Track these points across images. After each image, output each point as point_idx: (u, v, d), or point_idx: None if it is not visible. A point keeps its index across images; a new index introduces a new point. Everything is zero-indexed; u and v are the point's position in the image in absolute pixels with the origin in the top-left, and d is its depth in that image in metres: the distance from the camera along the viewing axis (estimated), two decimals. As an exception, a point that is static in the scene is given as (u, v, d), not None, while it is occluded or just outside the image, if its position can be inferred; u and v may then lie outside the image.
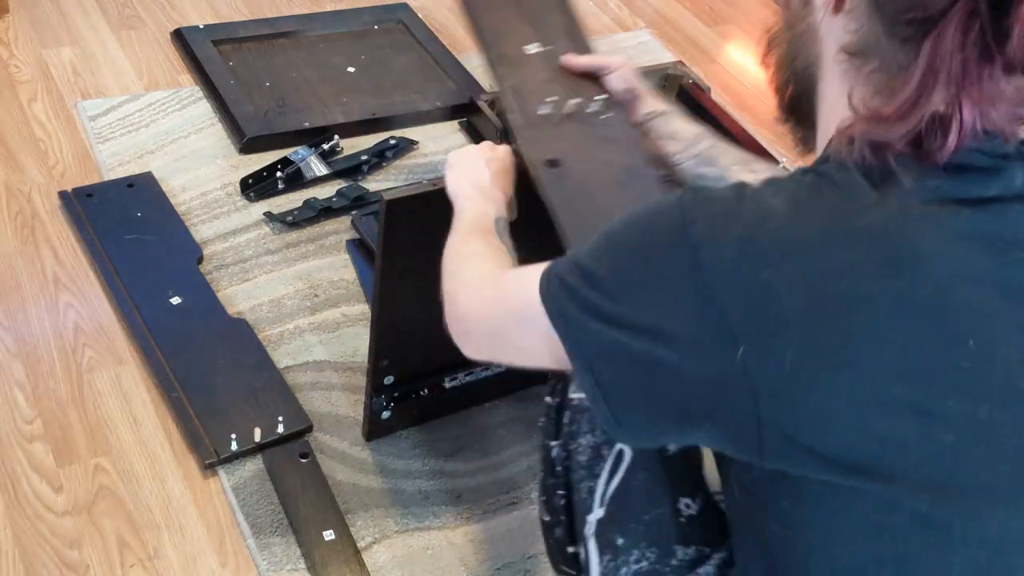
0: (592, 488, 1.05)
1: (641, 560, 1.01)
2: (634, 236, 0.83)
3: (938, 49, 0.74)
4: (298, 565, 1.37)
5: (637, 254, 0.81)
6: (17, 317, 1.64)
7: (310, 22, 2.34)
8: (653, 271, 0.80)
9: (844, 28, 0.82)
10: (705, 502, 1.01)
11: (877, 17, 0.79)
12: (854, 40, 0.81)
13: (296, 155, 1.96)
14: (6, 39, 2.20)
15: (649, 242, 0.81)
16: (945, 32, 0.74)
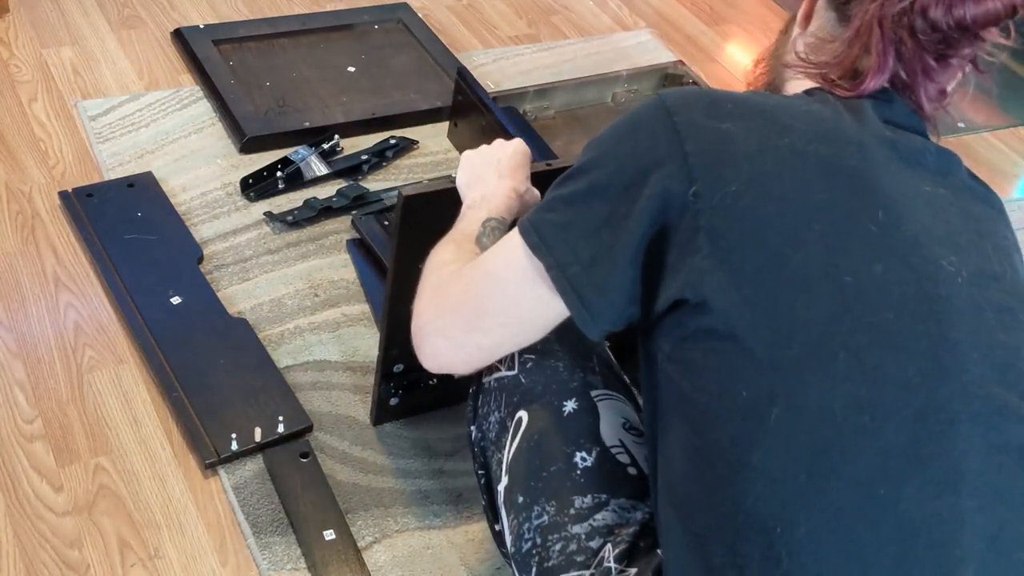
0: (500, 460, 1.12)
1: (542, 515, 1.04)
2: (614, 126, 0.99)
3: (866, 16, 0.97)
4: (298, 564, 1.37)
5: (616, 132, 0.98)
6: (17, 317, 1.64)
7: (310, 22, 2.34)
8: (631, 136, 0.95)
9: (808, 32, 1.07)
10: (601, 455, 1.05)
11: (833, 10, 1.04)
12: (814, 31, 1.06)
13: (296, 155, 1.96)
14: (6, 39, 2.20)
15: (629, 122, 0.97)
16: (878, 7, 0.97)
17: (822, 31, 1.05)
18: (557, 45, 2.46)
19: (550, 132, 2.11)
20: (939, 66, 1.00)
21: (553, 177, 1.32)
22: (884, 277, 0.87)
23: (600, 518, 1.02)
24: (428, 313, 1.07)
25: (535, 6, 2.60)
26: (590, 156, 0.98)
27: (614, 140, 0.97)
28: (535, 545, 1.04)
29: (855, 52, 0.99)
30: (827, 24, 1.04)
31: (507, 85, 2.25)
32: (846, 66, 0.99)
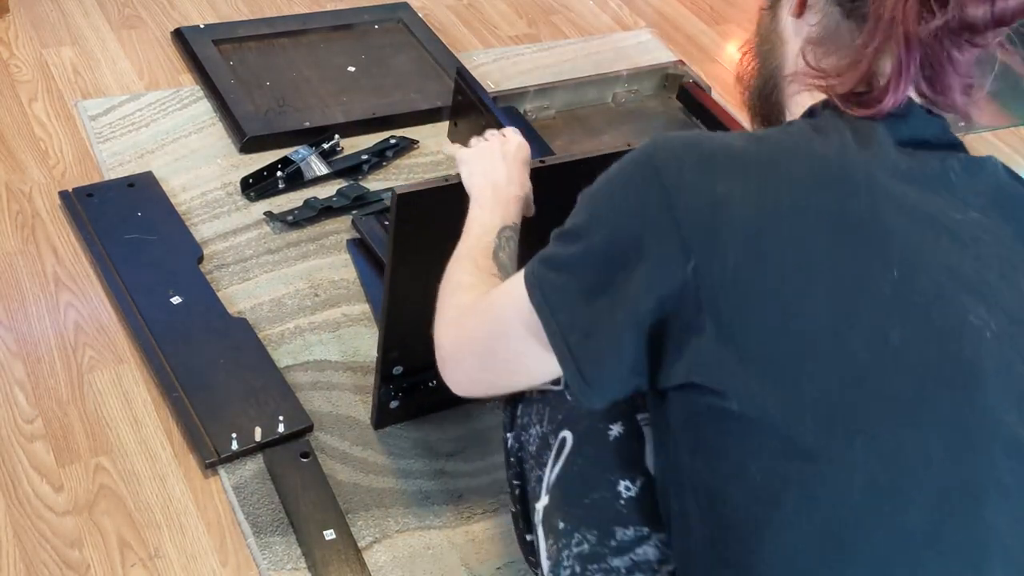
0: (540, 477, 1.08)
1: (582, 543, 1.02)
2: (607, 179, 0.91)
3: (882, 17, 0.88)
4: (299, 564, 1.37)
5: (609, 189, 0.90)
6: (17, 317, 1.64)
7: (310, 21, 2.34)
8: (622, 198, 0.88)
9: (807, 24, 0.97)
10: (645, 484, 1.02)
11: (834, 3, 0.94)
12: (816, 31, 0.96)
13: (296, 155, 1.96)
14: (6, 39, 2.20)
15: (620, 178, 0.90)
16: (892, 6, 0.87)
17: (825, 27, 0.94)
18: (557, 45, 2.46)
19: (550, 132, 2.11)
20: (964, 57, 0.92)
21: (547, 175, 1.32)
22: (902, 344, 0.80)
23: (641, 552, 0.99)
24: (447, 345, 1.06)
25: (535, 6, 2.60)
26: (584, 218, 0.91)
27: (606, 202, 0.90)
28: (574, 573, 1.02)
29: (869, 57, 0.89)
30: (829, 19, 0.94)
31: (507, 85, 2.25)
32: (858, 76, 0.90)
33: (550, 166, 1.34)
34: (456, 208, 1.32)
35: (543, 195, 1.38)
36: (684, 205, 0.84)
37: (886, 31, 0.87)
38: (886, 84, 0.88)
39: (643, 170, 0.87)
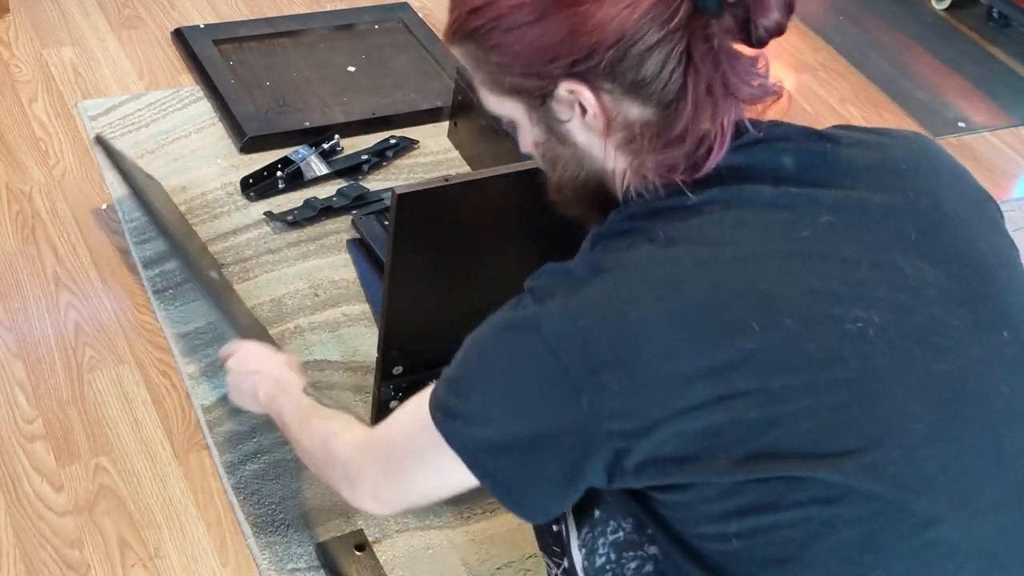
0: None
1: (617, 531, 1.03)
2: (489, 335, 0.93)
3: (697, 82, 0.85)
4: (299, 564, 1.37)
5: (495, 349, 0.91)
6: (18, 317, 1.64)
7: (310, 21, 2.34)
8: (507, 358, 0.90)
9: (615, 132, 0.91)
10: None
11: (639, 104, 0.88)
12: (627, 134, 0.90)
13: (296, 155, 1.96)
14: (6, 39, 2.20)
15: (501, 337, 0.91)
16: (698, 67, 0.85)
17: (631, 126, 0.90)
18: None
19: (550, 132, 2.11)
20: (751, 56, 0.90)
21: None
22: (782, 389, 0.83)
23: None
24: (357, 483, 1.07)
25: (535, 6, 2.59)
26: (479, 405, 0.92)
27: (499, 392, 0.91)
28: (608, 561, 1.03)
29: (694, 130, 0.87)
30: (633, 118, 0.89)
31: (507, 85, 2.24)
32: (687, 149, 0.88)
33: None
34: (456, 208, 1.32)
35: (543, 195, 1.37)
36: (562, 348, 0.85)
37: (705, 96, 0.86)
38: (711, 146, 0.88)
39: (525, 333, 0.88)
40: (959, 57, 2.63)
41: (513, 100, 0.94)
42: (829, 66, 2.55)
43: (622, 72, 0.86)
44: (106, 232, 1.80)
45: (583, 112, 0.90)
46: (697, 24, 0.83)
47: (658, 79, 0.86)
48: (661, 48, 0.84)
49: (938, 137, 2.32)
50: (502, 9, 0.88)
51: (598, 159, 0.94)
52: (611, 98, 0.88)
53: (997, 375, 0.86)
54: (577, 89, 0.88)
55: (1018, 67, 2.62)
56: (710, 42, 0.84)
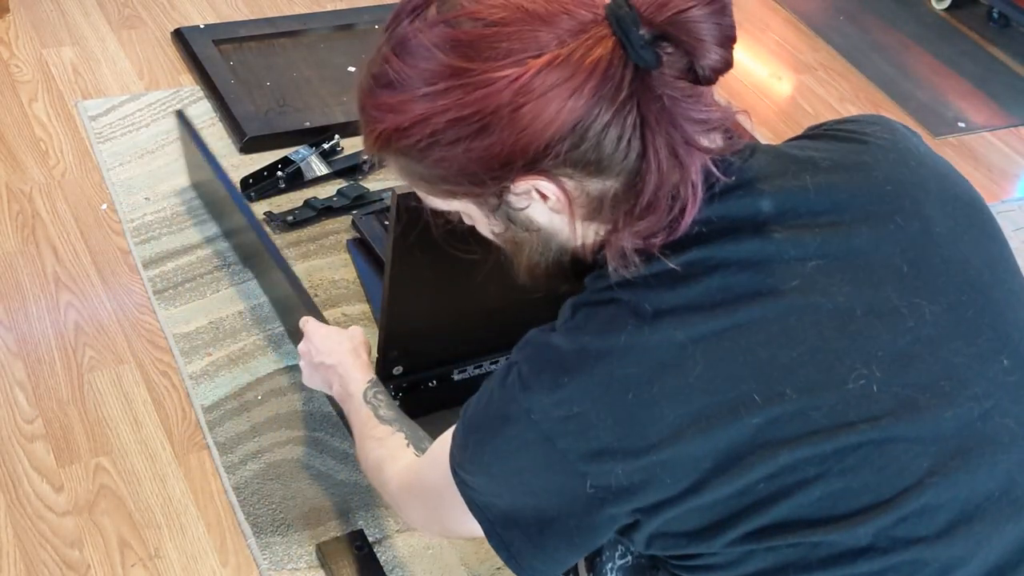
0: None
1: (626, 555, 1.03)
2: (485, 422, 0.90)
3: (656, 144, 0.80)
4: (299, 564, 1.37)
5: (492, 439, 0.89)
6: (18, 317, 1.64)
7: (310, 21, 2.34)
8: (504, 447, 0.88)
9: (579, 208, 0.86)
10: None
11: (600, 180, 0.83)
12: (591, 208, 0.86)
13: (297, 155, 1.96)
14: (7, 39, 2.20)
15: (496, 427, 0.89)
16: (655, 129, 0.80)
17: (592, 201, 0.85)
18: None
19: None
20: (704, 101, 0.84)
21: None
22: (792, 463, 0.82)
23: None
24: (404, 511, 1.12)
25: (535, 6, 2.59)
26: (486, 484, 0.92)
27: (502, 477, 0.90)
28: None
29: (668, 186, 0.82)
30: (594, 193, 0.85)
31: (507, 85, 2.24)
32: (659, 216, 0.83)
33: None
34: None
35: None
36: (558, 435, 0.84)
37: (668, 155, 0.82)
38: (684, 205, 0.83)
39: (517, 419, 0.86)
40: (959, 57, 2.63)
41: (462, 201, 0.89)
42: (829, 66, 2.55)
43: (581, 157, 0.81)
44: (106, 232, 1.80)
45: (543, 198, 0.85)
46: (643, 86, 0.79)
47: (617, 151, 0.81)
48: (615, 123, 0.80)
49: (938, 137, 2.32)
50: (439, 125, 0.81)
51: (563, 234, 0.89)
52: (572, 182, 0.84)
53: (1002, 408, 0.84)
54: (535, 182, 0.83)
55: (1018, 67, 2.62)
56: (660, 100, 0.79)
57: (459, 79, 0.79)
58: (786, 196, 0.85)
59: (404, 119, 0.82)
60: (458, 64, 0.79)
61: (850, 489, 0.81)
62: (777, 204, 0.85)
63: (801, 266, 0.83)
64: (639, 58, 0.78)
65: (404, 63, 0.82)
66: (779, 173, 0.87)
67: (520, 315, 1.48)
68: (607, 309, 0.85)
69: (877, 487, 0.81)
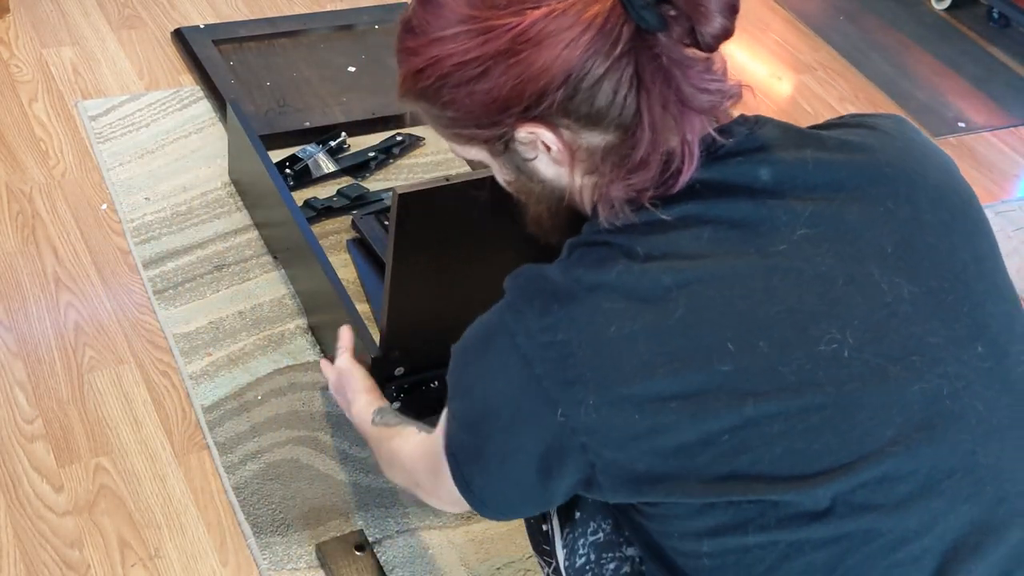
0: None
1: (597, 532, 1.04)
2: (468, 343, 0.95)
3: (651, 102, 0.84)
4: (299, 564, 1.37)
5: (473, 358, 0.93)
6: (18, 317, 1.64)
7: (310, 21, 2.34)
8: (489, 365, 0.90)
9: (580, 161, 0.90)
10: None
11: (598, 133, 0.87)
12: (592, 161, 0.89)
13: (304, 152, 1.96)
14: (7, 39, 2.20)
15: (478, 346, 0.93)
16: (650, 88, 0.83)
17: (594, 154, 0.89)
18: (557, 45, 2.46)
19: (550, 132, 2.11)
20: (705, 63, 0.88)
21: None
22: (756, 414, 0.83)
23: None
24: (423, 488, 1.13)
25: (535, 6, 2.59)
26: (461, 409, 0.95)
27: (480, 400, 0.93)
28: (588, 561, 1.05)
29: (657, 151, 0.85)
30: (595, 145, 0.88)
31: (507, 85, 2.24)
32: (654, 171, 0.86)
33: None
34: (457, 208, 1.32)
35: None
36: (538, 359, 0.86)
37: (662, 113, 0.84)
38: (679, 165, 0.86)
39: (500, 338, 0.89)
40: (959, 57, 2.63)
41: (476, 147, 0.94)
42: (829, 66, 2.55)
43: (576, 108, 0.85)
44: (106, 232, 1.80)
45: (547, 149, 0.90)
46: (642, 45, 0.82)
47: (612, 106, 0.84)
48: (610, 77, 0.83)
49: (938, 137, 2.32)
50: (446, 68, 0.88)
51: (566, 188, 0.93)
52: (570, 132, 0.87)
53: (972, 391, 0.86)
54: (535, 130, 0.88)
55: (1018, 67, 2.62)
56: (658, 60, 0.83)
57: (466, 25, 0.85)
58: (785, 167, 0.88)
59: (419, 61, 0.89)
60: (466, 12, 0.85)
61: (811, 450, 0.82)
62: (775, 174, 0.88)
63: (790, 232, 0.86)
64: (640, 18, 0.81)
65: (425, 11, 0.88)
66: (782, 145, 0.90)
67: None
68: (600, 250, 0.89)
69: (838, 450, 0.82)
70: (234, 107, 1.82)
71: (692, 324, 0.83)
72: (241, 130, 1.78)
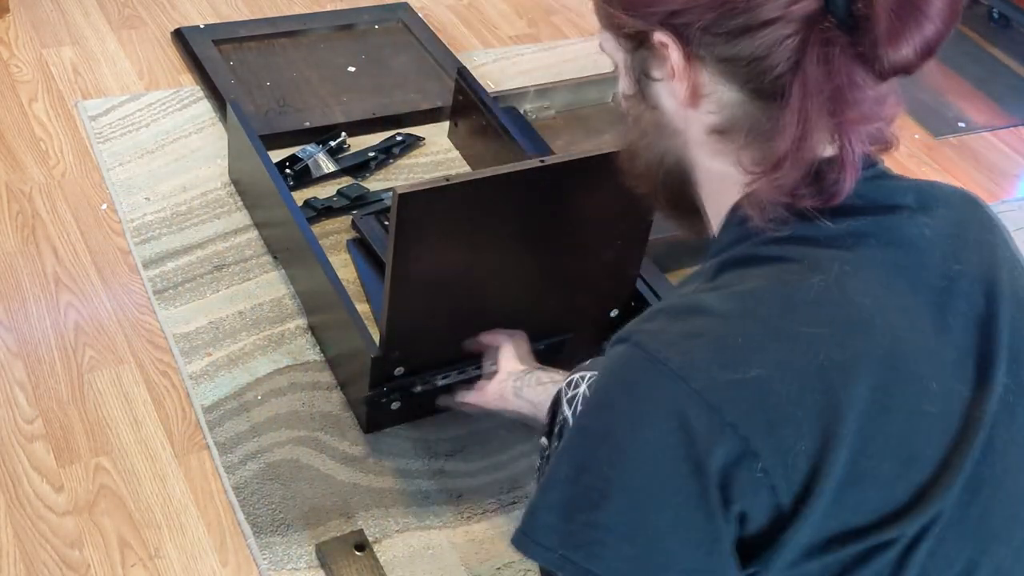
0: None
1: None
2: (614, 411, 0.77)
3: (806, 89, 0.75)
4: (299, 564, 1.37)
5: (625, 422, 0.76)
6: (18, 317, 1.64)
7: (310, 21, 2.34)
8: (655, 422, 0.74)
9: (706, 112, 0.82)
10: None
11: (735, 89, 0.79)
12: (719, 120, 0.82)
13: (304, 152, 1.96)
14: (7, 39, 2.20)
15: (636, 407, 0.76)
16: (806, 70, 0.75)
17: (731, 115, 0.81)
18: (557, 45, 2.46)
19: (550, 132, 2.11)
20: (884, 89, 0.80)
21: (547, 174, 1.32)
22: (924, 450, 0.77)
23: None
24: None
25: (535, 6, 2.60)
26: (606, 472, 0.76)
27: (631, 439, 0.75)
28: None
29: (808, 142, 0.77)
30: (735, 105, 0.81)
31: (507, 85, 2.25)
32: (804, 166, 0.78)
33: (550, 166, 1.34)
34: (457, 208, 1.32)
35: (543, 195, 1.38)
36: (728, 401, 0.73)
37: (815, 106, 0.76)
38: (840, 168, 0.77)
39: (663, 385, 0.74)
40: (959, 57, 2.63)
41: (614, 37, 0.86)
42: (829, 66, 2.54)
43: (717, 40, 0.77)
44: (106, 232, 1.80)
45: (672, 75, 0.81)
46: (819, 25, 0.74)
47: (757, 64, 0.76)
48: (770, 30, 0.75)
49: (938, 137, 2.32)
50: None
51: (681, 138, 0.85)
52: (704, 68, 0.79)
53: None
54: (668, 43, 0.80)
55: (1018, 67, 2.62)
56: (829, 47, 0.74)
57: None
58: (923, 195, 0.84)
59: None
60: None
61: None
62: (918, 200, 0.83)
63: (946, 267, 0.81)
64: (833, 2, 0.73)
65: None
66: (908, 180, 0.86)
67: (521, 314, 1.49)
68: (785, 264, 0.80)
69: None
70: (234, 107, 1.82)
71: (896, 354, 0.76)
72: (241, 130, 1.78)
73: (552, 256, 1.47)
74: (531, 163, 1.34)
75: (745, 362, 0.73)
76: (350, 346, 1.52)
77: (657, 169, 0.90)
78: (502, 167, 1.34)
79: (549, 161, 1.34)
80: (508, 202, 1.36)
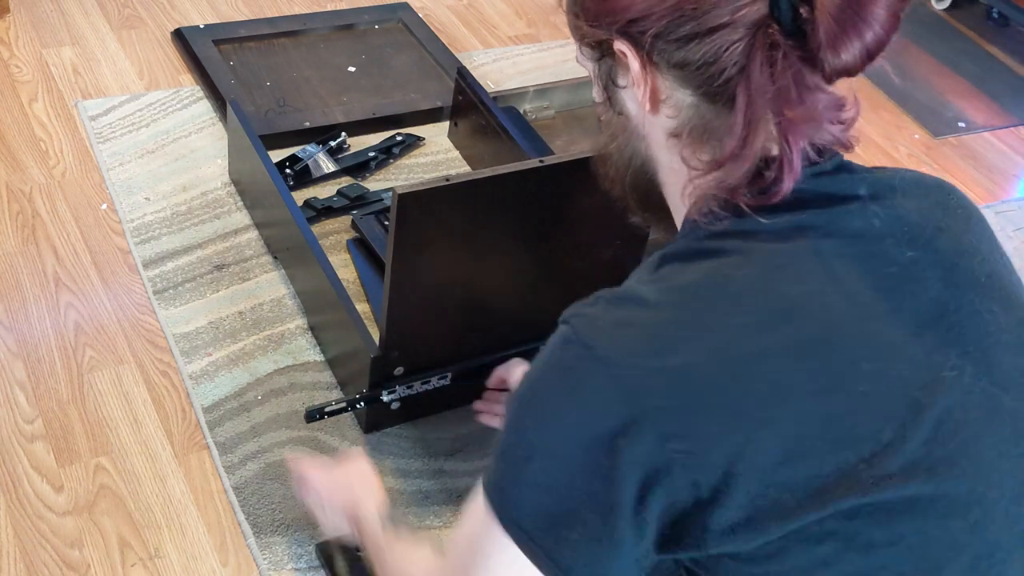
0: None
1: None
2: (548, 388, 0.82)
3: (751, 91, 0.78)
4: (299, 564, 1.37)
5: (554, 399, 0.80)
6: (18, 317, 1.64)
7: (311, 21, 2.34)
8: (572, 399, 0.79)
9: (665, 117, 0.86)
10: None
11: (690, 93, 0.83)
12: (677, 123, 0.86)
13: (304, 152, 1.96)
14: (6, 39, 2.20)
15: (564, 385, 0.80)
16: (751, 74, 0.78)
17: (687, 118, 0.85)
18: (557, 45, 2.46)
19: (550, 132, 2.11)
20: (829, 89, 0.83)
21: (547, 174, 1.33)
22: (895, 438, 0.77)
23: None
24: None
25: (535, 6, 2.60)
26: (531, 436, 0.81)
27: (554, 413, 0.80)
28: None
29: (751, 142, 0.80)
30: (690, 108, 0.84)
31: (507, 85, 2.25)
32: (746, 165, 0.81)
33: (550, 166, 1.34)
34: (457, 208, 1.32)
35: (543, 195, 1.38)
36: (647, 387, 0.76)
37: (761, 108, 0.79)
38: (779, 168, 0.80)
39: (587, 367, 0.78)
40: (959, 57, 2.63)
41: (583, 48, 0.90)
42: (829, 66, 2.55)
43: (670, 47, 0.80)
44: (106, 232, 1.80)
45: (635, 82, 0.86)
46: (765, 30, 0.77)
47: (707, 68, 0.79)
48: (719, 36, 0.78)
49: (938, 137, 2.32)
50: None
51: (645, 141, 0.89)
52: (660, 74, 0.83)
53: None
54: (627, 51, 0.84)
55: (1018, 67, 2.62)
56: (774, 50, 0.77)
57: None
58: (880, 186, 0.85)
59: None
60: None
61: None
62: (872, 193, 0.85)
63: (899, 254, 0.83)
64: (777, 8, 0.76)
65: None
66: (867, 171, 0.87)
67: (521, 314, 1.49)
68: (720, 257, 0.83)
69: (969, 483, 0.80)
70: (234, 107, 1.82)
71: (828, 339, 0.78)
72: (241, 130, 1.78)
73: (551, 256, 1.47)
74: (531, 163, 1.35)
75: (671, 351, 0.77)
76: (350, 346, 1.52)
77: (626, 171, 0.94)
78: (502, 167, 1.35)
79: (549, 161, 1.34)
80: (508, 202, 1.36)
